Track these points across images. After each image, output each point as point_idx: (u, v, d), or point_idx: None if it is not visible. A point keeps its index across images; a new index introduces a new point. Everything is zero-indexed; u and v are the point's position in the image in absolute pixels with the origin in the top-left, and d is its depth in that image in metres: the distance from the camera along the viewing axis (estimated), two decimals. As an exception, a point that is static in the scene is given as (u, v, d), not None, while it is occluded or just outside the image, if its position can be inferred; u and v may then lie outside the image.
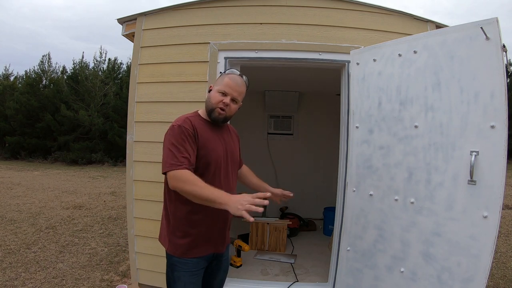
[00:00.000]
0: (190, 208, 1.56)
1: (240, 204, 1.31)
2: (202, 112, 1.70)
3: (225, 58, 2.58)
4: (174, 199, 1.60)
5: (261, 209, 1.36)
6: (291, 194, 1.86)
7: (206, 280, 1.74)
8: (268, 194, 1.39)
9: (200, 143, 1.55)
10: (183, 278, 1.60)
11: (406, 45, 2.08)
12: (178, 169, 1.43)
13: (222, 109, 1.60)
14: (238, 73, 1.68)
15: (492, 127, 1.69)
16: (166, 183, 1.61)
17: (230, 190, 1.64)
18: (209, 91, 1.68)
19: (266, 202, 1.37)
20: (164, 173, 1.49)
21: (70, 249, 3.82)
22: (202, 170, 1.56)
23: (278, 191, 1.88)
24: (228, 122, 1.81)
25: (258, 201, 1.33)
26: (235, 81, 1.61)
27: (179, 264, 1.60)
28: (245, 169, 1.99)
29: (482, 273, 1.69)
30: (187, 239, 1.60)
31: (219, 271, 1.78)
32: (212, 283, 1.79)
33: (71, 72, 14.52)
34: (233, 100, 1.61)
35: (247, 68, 2.74)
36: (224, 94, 1.60)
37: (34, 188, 7.64)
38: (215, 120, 1.63)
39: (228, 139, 1.72)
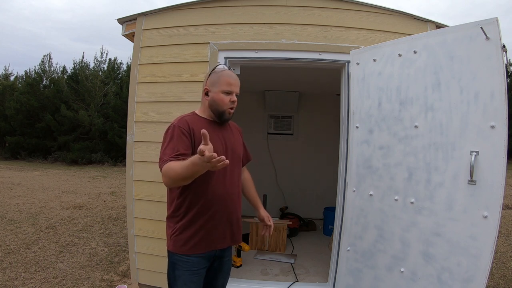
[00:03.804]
0: (190, 206, 1.60)
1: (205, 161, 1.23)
2: (199, 111, 1.71)
3: (225, 58, 2.57)
4: (175, 197, 1.63)
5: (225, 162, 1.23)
6: (270, 228, 1.88)
7: (207, 281, 1.73)
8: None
9: (197, 140, 1.56)
10: (183, 277, 1.60)
11: (406, 45, 2.08)
12: (162, 166, 1.45)
13: (232, 108, 1.65)
14: (227, 67, 1.72)
15: (492, 127, 1.69)
16: None
17: (233, 185, 1.68)
18: (206, 93, 1.66)
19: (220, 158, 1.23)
20: None
21: (70, 249, 3.82)
22: None
23: (265, 216, 1.89)
24: None
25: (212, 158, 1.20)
26: (233, 77, 1.65)
27: (180, 263, 1.61)
28: (246, 176, 1.96)
29: (482, 273, 1.69)
30: (187, 234, 1.61)
31: (221, 272, 1.78)
32: (214, 284, 1.78)
33: (71, 72, 14.52)
34: (236, 95, 1.67)
35: (247, 68, 2.75)
36: (229, 93, 1.63)
37: (34, 188, 7.64)
38: (226, 120, 1.69)
39: (228, 135, 1.73)
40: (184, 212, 1.62)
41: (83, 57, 15.64)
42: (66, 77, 14.66)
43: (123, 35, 2.84)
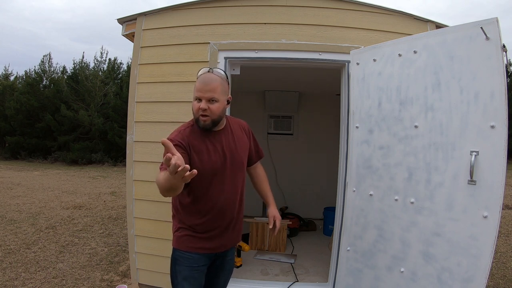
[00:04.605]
0: (189, 212, 1.63)
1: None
2: None
3: (225, 58, 2.57)
4: (177, 199, 1.66)
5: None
6: (274, 230, 1.88)
7: (209, 279, 1.75)
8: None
9: (193, 153, 1.55)
10: (184, 272, 1.63)
11: (406, 45, 2.08)
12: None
13: (203, 115, 1.53)
14: (207, 70, 1.59)
15: (492, 127, 1.69)
16: None
17: (234, 192, 1.67)
18: None
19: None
20: None
21: (70, 249, 3.82)
22: (197, 179, 1.54)
23: (271, 216, 1.87)
24: (227, 114, 1.81)
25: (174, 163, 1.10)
26: (203, 82, 1.54)
27: (181, 259, 1.64)
28: (260, 172, 1.93)
29: (482, 273, 1.69)
30: (187, 234, 1.63)
31: (223, 271, 1.79)
32: (216, 283, 1.80)
33: (71, 72, 14.50)
34: (210, 100, 1.52)
35: (247, 68, 2.75)
36: (199, 99, 1.53)
37: (34, 188, 7.63)
38: (205, 128, 1.57)
39: (228, 140, 1.67)
40: (183, 215, 1.65)
41: (83, 57, 15.61)
42: (66, 77, 14.64)
43: (123, 35, 2.84)
